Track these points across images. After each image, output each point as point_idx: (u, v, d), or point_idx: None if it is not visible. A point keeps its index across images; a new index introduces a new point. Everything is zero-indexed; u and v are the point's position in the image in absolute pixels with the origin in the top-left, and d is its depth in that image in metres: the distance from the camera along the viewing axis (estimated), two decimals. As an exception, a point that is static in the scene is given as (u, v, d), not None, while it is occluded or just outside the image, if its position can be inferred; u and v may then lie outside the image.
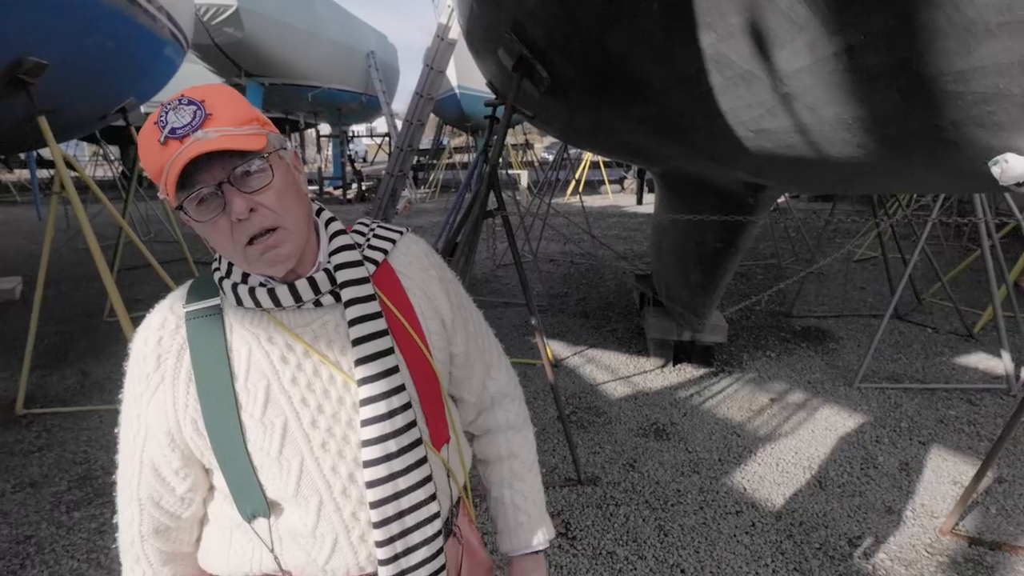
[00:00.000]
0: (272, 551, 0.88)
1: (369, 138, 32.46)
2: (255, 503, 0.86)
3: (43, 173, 19.78)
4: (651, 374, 4.59)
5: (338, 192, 18.27)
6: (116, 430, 0.94)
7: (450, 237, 3.54)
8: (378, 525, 0.86)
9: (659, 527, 2.82)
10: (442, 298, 1.02)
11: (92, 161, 19.47)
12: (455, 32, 6.87)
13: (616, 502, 3.02)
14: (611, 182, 19.57)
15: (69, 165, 4.14)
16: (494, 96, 5.67)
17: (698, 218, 3.34)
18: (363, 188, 18.26)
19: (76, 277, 7.81)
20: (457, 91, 15.79)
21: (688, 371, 4.62)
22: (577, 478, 3.18)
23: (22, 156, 18.11)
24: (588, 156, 15.54)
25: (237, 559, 0.92)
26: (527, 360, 4.85)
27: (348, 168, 18.66)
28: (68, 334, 5.58)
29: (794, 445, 3.54)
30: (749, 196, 3.16)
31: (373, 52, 17.94)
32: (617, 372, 4.64)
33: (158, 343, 0.88)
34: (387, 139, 24.82)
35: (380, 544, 0.87)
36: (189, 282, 0.95)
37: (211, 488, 0.95)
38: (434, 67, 7.02)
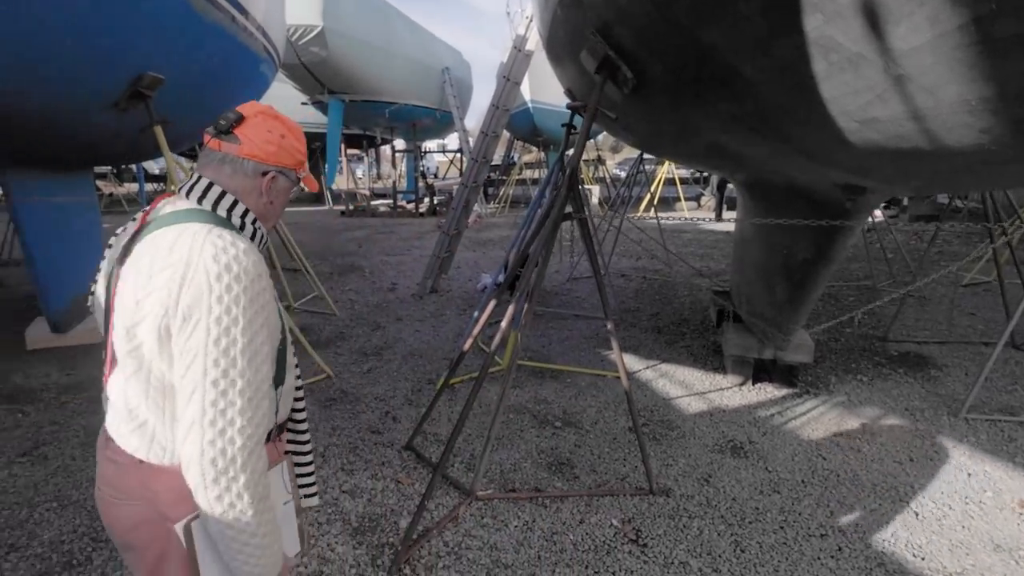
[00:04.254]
0: (278, 404, 1.30)
1: (441, 154, 33.18)
2: (281, 376, 1.26)
3: (148, 187, 22.42)
4: (728, 391, 4.40)
5: (411, 206, 18.55)
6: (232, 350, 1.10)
7: (522, 248, 3.56)
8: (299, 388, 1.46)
9: (735, 542, 2.69)
10: None
11: (189, 173, 20.60)
12: (532, 43, 6.90)
13: (690, 515, 2.90)
14: (687, 199, 19.08)
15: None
16: (572, 103, 5.61)
17: (790, 222, 3.17)
18: (435, 202, 18.51)
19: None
20: (530, 105, 15.90)
21: (769, 391, 4.39)
22: (649, 488, 3.09)
23: (134, 168, 21.92)
24: (663, 172, 15.24)
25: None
26: (598, 371, 4.74)
27: (420, 183, 18.97)
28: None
29: (890, 472, 3.29)
30: (847, 200, 2.97)
31: (448, 68, 18.27)
32: (691, 388, 4.47)
33: (260, 261, 1.17)
34: (458, 155, 25.27)
35: (297, 399, 1.45)
36: (209, 221, 1.15)
37: None
38: (510, 78, 7.06)
